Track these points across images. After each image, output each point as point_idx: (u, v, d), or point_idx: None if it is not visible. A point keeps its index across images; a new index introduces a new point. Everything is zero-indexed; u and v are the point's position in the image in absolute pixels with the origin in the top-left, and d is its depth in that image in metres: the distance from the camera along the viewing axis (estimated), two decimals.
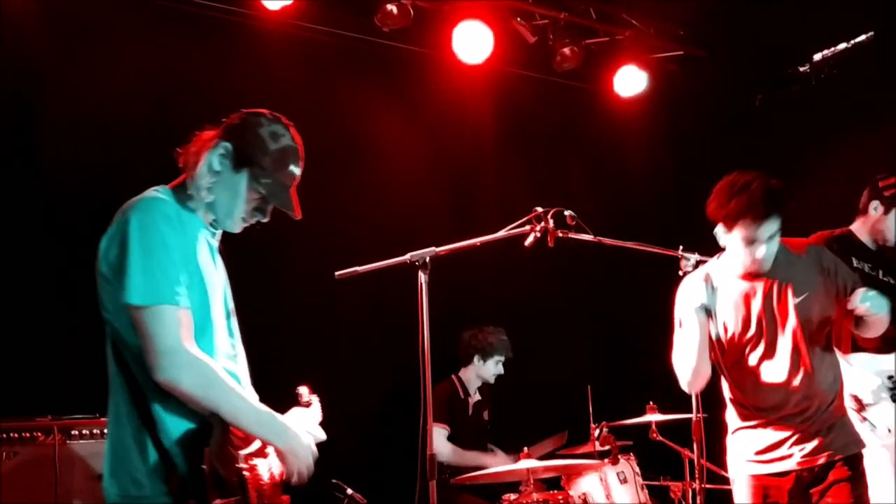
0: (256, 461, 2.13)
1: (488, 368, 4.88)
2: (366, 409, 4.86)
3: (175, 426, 2.01)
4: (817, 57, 5.68)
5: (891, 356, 3.55)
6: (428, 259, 3.23)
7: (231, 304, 2.32)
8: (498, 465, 4.33)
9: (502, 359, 4.88)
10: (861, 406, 3.52)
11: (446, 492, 4.42)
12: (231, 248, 2.76)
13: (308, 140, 2.35)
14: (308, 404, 2.57)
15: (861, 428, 3.46)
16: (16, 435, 3.27)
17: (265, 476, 2.16)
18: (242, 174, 2.22)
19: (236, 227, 2.29)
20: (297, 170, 2.30)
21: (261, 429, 2.12)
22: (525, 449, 3.88)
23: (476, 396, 4.97)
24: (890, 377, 3.54)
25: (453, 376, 4.95)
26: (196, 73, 4.59)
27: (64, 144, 4.21)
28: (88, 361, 4.01)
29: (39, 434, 3.29)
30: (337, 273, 3.23)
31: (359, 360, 4.93)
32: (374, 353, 4.98)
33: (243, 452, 2.08)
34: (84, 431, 3.37)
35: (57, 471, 3.24)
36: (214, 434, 1.98)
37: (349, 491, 3.86)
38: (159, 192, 2.18)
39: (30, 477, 3.23)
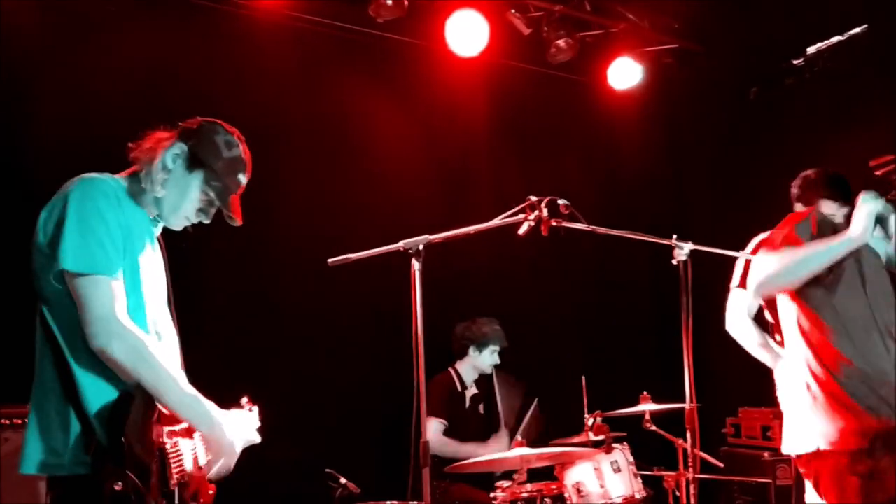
0: (180, 440, 2.20)
1: (484, 359, 4.88)
2: (359, 398, 4.86)
3: (97, 397, 2.06)
4: (811, 50, 5.67)
5: None
6: (421, 247, 3.21)
7: (168, 292, 2.41)
8: (495, 452, 4.34)
9: (497, 348, 4.89)
10: None
11: (441, 481, 4.42)
12: (224, 234, 2.76)
13: (301, 128, 2.41)
14: (249, 410, 2.62)
15: None
16: (7, 421, 3.25)
17: (188, 456, 2.22)
18: (195, 175, 2.36)
19: (178, 225, 2.42)
20: (244, 179, 2.45)
21: (183, 409, 2.18)
22: (518, 437, 3.87)
23: (473, 389, 4.97)
24: None
25: (450, 368, 4.95)
26: (188, 63, 4.57)
27: (52, 133, 4.18)
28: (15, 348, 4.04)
29: None
30: (330, 260, 3.22)
31: (352, 348, 4.92)
32: (368, 342, 4.98)
33: (167, 428, 2.15)
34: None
35: None
36: (135, 405, 2.04)
37: (343, 480, 3.85)
38: (102, 175, 2.27)
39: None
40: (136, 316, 2.17)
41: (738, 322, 3.61)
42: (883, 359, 2.87)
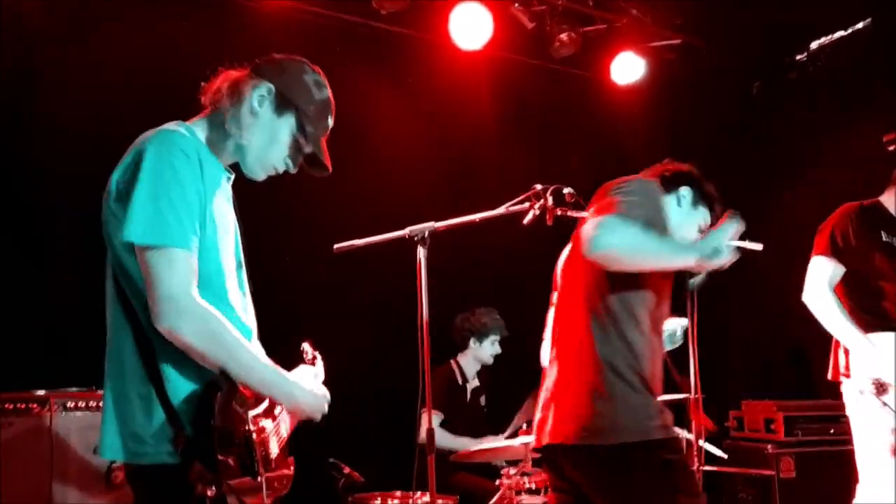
0: (265, 423, 2.00)
1: (485, 349, 4.88)
2: (364, 387, 4.85)
3: (183, 381, 1.87)
4: (814, 45, 5.67)
5: None
6: (427, 234, 3.22)
7: (241, 255, 2.17)
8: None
9: (498, 338, 4.88)
10: (882, 389, 3.39)
11: (444, 471, 4.41)
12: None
13: None
14: (312, 361, 2.50)
15: (876, 416, 3.40)
16: (11, 406, 3.25)
17: (273, 440, 2.04)
18: (284, 119, 2.11)
19: (262, 174, 2.16)
20: (331, 122, 2.23)
21: (266, 387, 1.97)
22: (524, 426, 3.86)
23: (474, 382, 4.97)
24: None
25: (452, 361, 4.94)
26: (192, 53, 4.55)
27: (60, 122, 4.19)
28: (82, 334, 4.04)
29: (35, 405, 3.27)
30: (335, 246, 3.22)
31: (356, 336, 4.91)
32: (373, 330, 4.97)
33: (252, 413, 1.94)
34: (80, 404, 3.35)
35: (53, 442, 3.22)
36: (222, 391, 1.84)
37: (346, 470, 3.85)
38: (180, 127, 2.00)
39: (25, 448, 3.21)
40: (212, 287, 1.94)
41: (818, 293, 3.53)
42: None
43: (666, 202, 2.77)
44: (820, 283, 3.55)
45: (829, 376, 3.66)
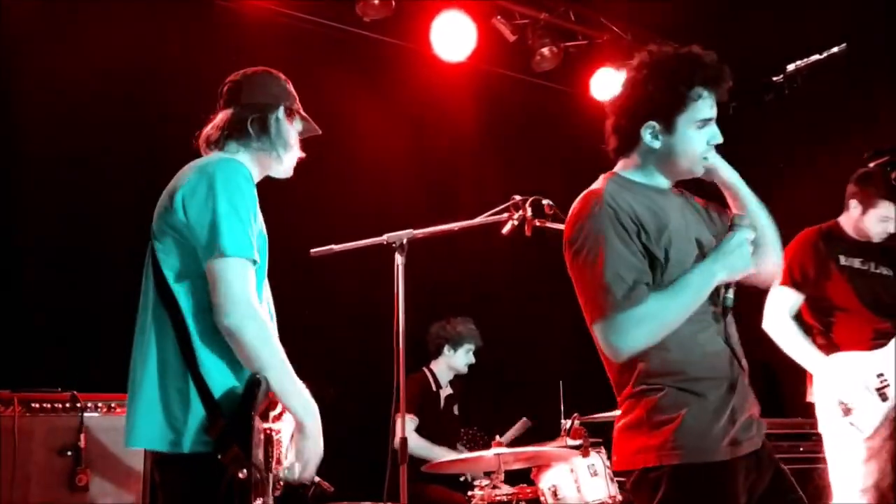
0: (279, 426, 2.16)
1: (459, 358, 4.87)
2: (336, 395, 4.80)
3: (223, 378, 2.06)
4: (790, 67, 5.75)
5: (877, 353, 3.45)
6: (405, 241, 3.22)
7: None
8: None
9: (472, 347, 4.87)
10: (848, 410, 3.43)
11: (416, 482, 4.37)
12: None
13: None
14: None
15: (845, 432, 3.45)
16: None
17: (284, 444, 2.19)
18: (280, 113, 2.45)
19: (291, 171, 2.55)
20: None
21: (295, 399, 2.12)
22: (497, 437, 3.85)
23: (448, 389, 4.95)
24: (879, 375, 3.43)
25: (425, 368, 4.92)
26: (173, 54, 4.54)
27: (40, 120, 4.15)
28: (50, 336, 3.97)
29: None
30: (312, 250, 3.20)
31: (329, 342, 4.87)
32: (346, 336, 4.93)
33: (272, 413, 2.13)
34: (45, 405, 3.28)
35: (16, 443, 3.15)
36: (262, 388, 2.02)
37: (316, 479, 3.79)
38: (232, 157, 2.30)
39: None
40: (261, 298, 2.19)
41: (777, 321, 3.58)
42: None
43: (640, 163, 2.32)
44: (779, 311, 3.64)
45: (808, 398, 3.69)
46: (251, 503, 1.92)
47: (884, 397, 3.40)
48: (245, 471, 1.91)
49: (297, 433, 2.17)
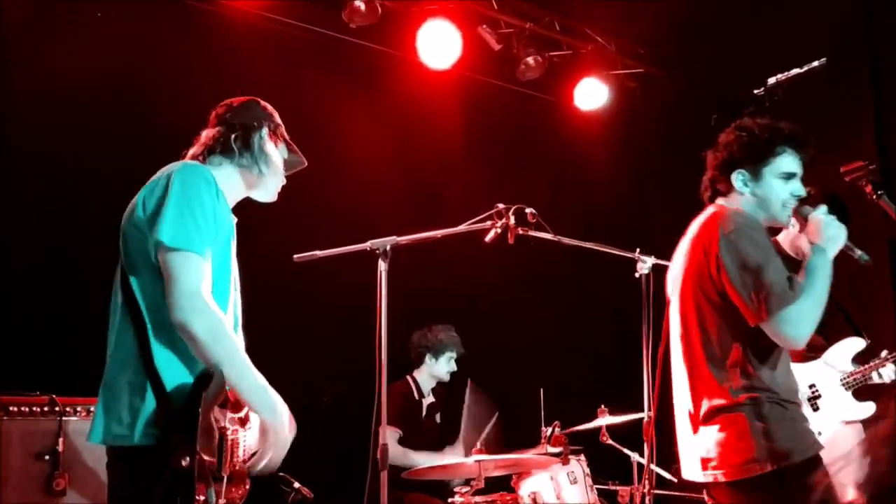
0: (238, 429, 2.16)
1: (441, 366, 4.87)
2: (316, 401, 4.80)
3: (176, 372, 2.07)
4: (771, 80, 5.83)
5: (810, 364, 3.60)
6: (388, 247, 3.21)
7: (238, 281, 2.44)
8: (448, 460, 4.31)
9: (454, 355, 4.88)
10: None
11: (397, 489, 4.37)
12: None
13: None
14: None
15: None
16: None
17: (241, 448, 2.18)
18: (265, 135, 2.50)
19: (277, 191, 2.61)
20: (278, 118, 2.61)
21: (253, 394, 2.14)
22: (477, 444, 3.86)
23: (430, 398, 4.95)
24: (811, 386, 3.60)
25: (408, 377, 4.92)
26: (161, 58, 4.53)
27: (28, 123, 4.13)
28: (29, 338, 3.94)
29: None
30: (296, 256, 3.20)
31: (312, 349, 4.87)
32: (329, 343, 4.93)
33: (230, 414, 2.12)
34: (23, 408, 3.25)
35: None
36: (213, 384, 2.03)
37: (296, 485, 3.78)
38: (198, 164, 2.34)
39: None
40: (221, 301, 2.20)
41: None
42: None
43: (738, 204, 2.70)
44: None
45: None
46: (195, 491, 1.90)
47: (815, 407, 3.55)
48: (188, 458, 1.91)
49: (260, 428, 2.20)
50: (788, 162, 2.65)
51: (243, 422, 2.20)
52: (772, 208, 2.66)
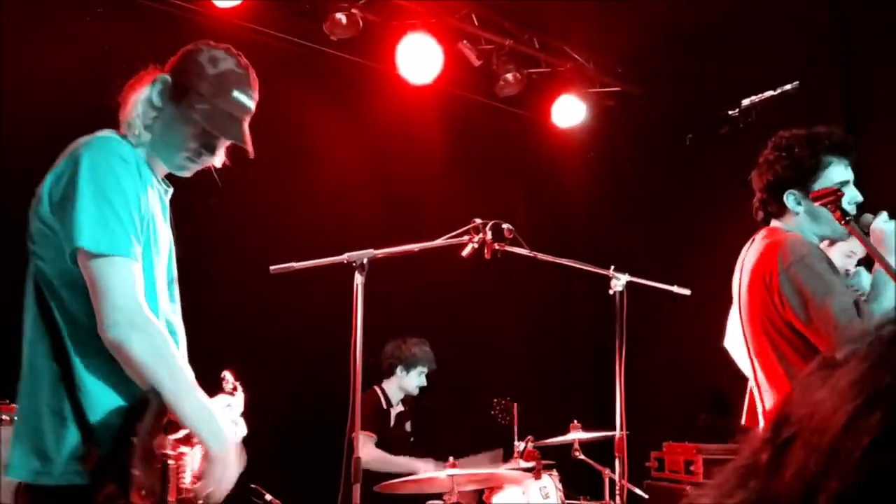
0: (184, 450, 1.89)
1: (411, 380, 4.85)
2: (288, 411, 4.77)
3: (104, 400, 1.77)
4: (746, 102, 5.94)
5: None
6: (365, 260, 3.22)
7: (175, 271, 2.13)
8: (427, 470, 4.31)
9: (425, 370, 4.86)
10: None
11: (369, 501, 4.35)
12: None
13: (251, 137, 2.15)
14: (233, 391, 2.38)
15: None
16: None
17: (188, 471, 1.91)
18: (183, 106, 2.00)
19: (184, 168, 2.09)
20: (243, 97, 2.07)
21: (198, 422, 1.84)
22: (451, 458, 3.86)
23: (399, 407, 4.94)
24: None
25: (376, 386, 4.91)
26: (136, 65, 4.49)
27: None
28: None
29: None
30: (272, 268, 3.19)
31: (285, 359, 4.85)
32: (302, 354, 4.91)
33: (172, 438, 1.84)
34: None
35: None
36: (150, 409, 1.76)
37: (268, 497, 3.76)
38: (114, 134, 1.95)
39: None
40: (152, 305, 1.87)
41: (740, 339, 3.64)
42: None
43: (793, 225, 2.61)
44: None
45: (743, 421, 3.77)
46: None
47: None
48: None
49: (202, 454, 1.91)
50: (838, 171, 2.54)
51: (188, 439, 1.92)
52: (830, 224, 2.55)
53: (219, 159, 2.13)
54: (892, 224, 2.46)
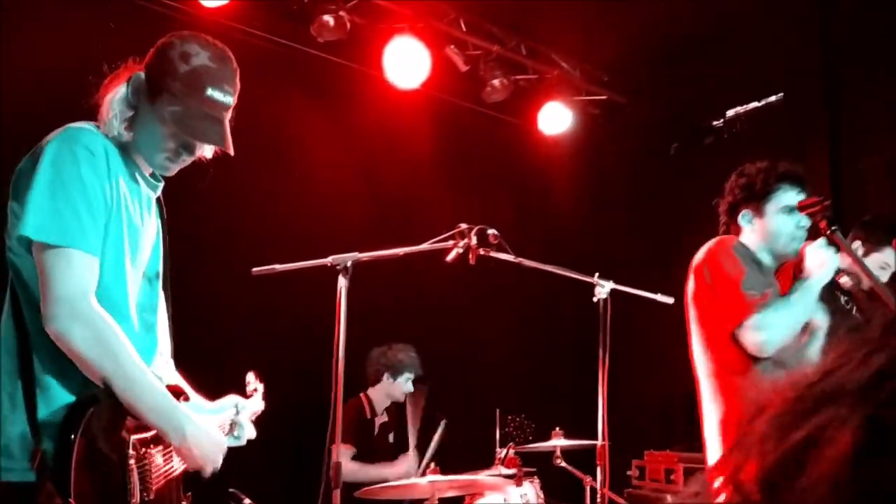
0: (151, 451, 1.85)
1: (398, 386, 4.82)
2: (271, 417, 4.72)
3: (61, 391, 1.73)
4: (730, 113, 5.98)
5: None
6: (350, 264, 3.19)
7: (160, 266, 2.09)
8: (404, 473, 4.28)
9: (412, 376, 4.84)
10: None
11: None
12: None
13: (236, 138, 2.07)
14: (251, 394, 2.42)
15: None
16: None
17: (158, 470, 1.88)
18: (157, 105, 1.93)
19: (165, 169, 2.03)
20: (218, 94, 1.96)
21: (152, 415, 1.80)
22: (432, 465, 3.84)
23: (383, 417, 4.91)
24: None
25: (362, 395, 4.87)
26: (122, 62, 4.46)
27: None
28: None
29: None
30: (254, 269, 3.16)
31: (267, 365, 4.80)
32: (284, 359, 4.87)
33: (135, 437, 1.79)
34: None
35: None
36: (100, 407, 1.71)
37: (246, 501, 3.73)
38: (88, 125, 1.91)
39: None
40: (118, 300, 1.85)
41: None
42: None
43: (744, 241, 2.88)
44: None
45: None
46: None
47: None
48: None
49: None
50: (789, 196, 2.81)
51: (158, 440, 1.88)
52: (779, 242, 2.82)
53: (208, 151, 2.08)
54: (818, 249, 2.69)
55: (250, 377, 2.40)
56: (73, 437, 1.64)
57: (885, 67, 5.01)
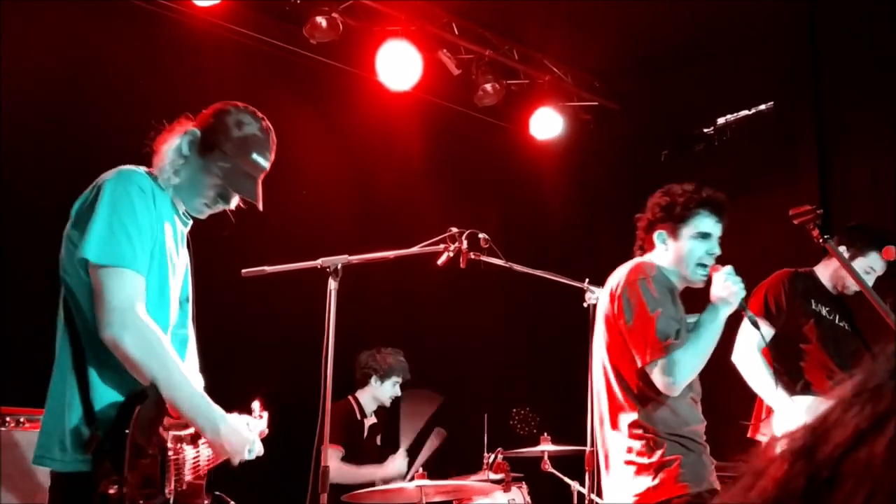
0: (185, 447, 2.13)
1: (385, 390, 4.80)
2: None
3: (107, 393, 2.03)
4: (721, 120, 6.01)
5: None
6: (339, 266, 3.18)
7: (190, 291, 2.39)
8: (395, 473, 4.27)
9: (400, 380, 4.82)
10: None
11: None
12: None
13: None
14: (258, 418, 2.58)
15: None
16: None
17: (188, 464, 2.14)
18: (207, 159, 2.28)
19: (200, 212, 2.38)
20: (261, 159, 2.37)
21: (192, 410, 2.09)
22: (420, 469, 3.83)
23: (372, 419, 4.89)
24: None
25: (350, 397, 4.85)
26: (119, 64, 4.45)
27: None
28: (32, 352, 3.80)
29: None
30: (244, 271, 3.15)
31: (256, 367, 4.78)
32: (273, 361, 4.85)
33: (173, 433, 2.08)
34: (21, 420, 3.20)
35: (1, 456, 3.07)
36: (145, 405, 1.98)
37: None
38: (140, 169, 2.24)
39: None
40: (159, 316, 2.14)
41: (747, 353, 3.58)
42: None
43: (656, 261, 2.88)
44: (749, 344, 3.64)
45: (749, 434, 3.77)
46: None
47: None
48: (115, 486, 1.88)
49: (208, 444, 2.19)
50: (706, 223, 2.83)
51: (194, 438, 2.17)
52: (687, 266, 2.83)
53: (233, 204, 2.44)
54: (730, 276, 2.70)
55: (255, 406, 2.61)
56: (126, 426, 1.93)
57: (873, 78, 5.05)
